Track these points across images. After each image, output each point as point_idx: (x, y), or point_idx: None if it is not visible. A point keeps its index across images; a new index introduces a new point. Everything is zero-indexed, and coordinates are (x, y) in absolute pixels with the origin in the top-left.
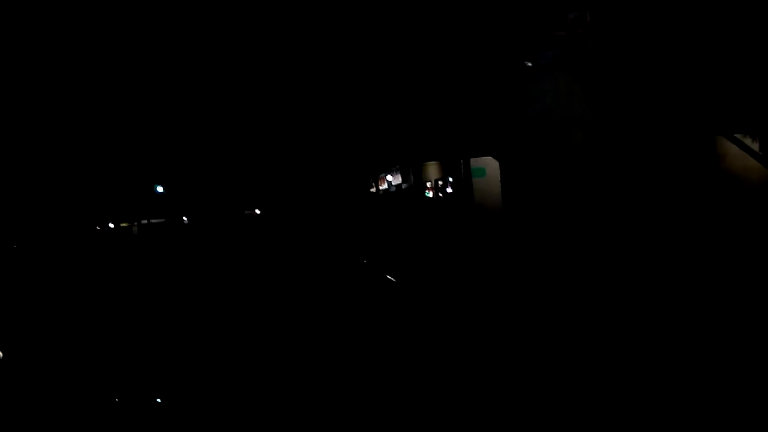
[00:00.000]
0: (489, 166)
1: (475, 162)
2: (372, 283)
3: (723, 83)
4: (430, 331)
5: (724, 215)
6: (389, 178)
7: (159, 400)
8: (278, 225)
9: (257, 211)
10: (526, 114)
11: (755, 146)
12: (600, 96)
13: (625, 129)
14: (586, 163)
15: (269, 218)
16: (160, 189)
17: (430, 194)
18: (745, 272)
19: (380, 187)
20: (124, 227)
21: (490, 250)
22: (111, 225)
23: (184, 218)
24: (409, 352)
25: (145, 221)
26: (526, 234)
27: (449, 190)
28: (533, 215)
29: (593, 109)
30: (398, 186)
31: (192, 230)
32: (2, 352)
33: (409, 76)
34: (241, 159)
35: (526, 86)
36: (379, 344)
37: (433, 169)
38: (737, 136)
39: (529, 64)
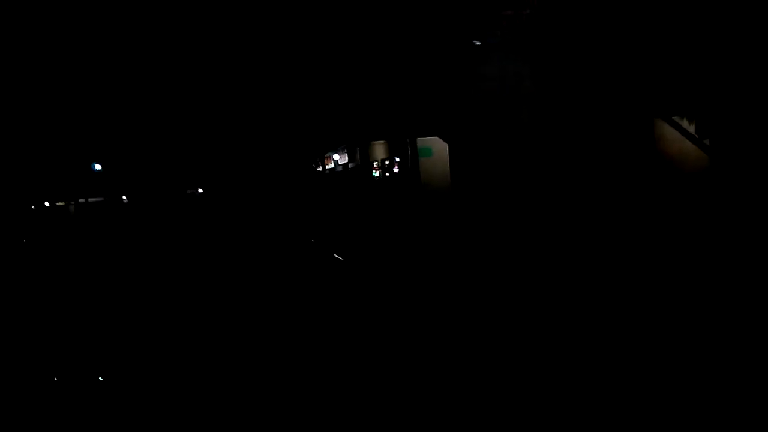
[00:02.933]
0: (435, 146)
1: (422, 142)
2: (319, 262)
3: (664, 65)
4: (375, 306)
5: (660, 196)
6: (336, 157)
7: (101, 378)
8: (222, 204)
9: (200, 190)
10: (474, 94)
11: (692, 129)
12: (546, 76)
13: (569, 109)
14: (532, 143)
15: (212, 197)
16: (97, 167)
17: (377, 174)
18: (677, 252)
19: (327, 167)
20: (60, 206)
21: (437, 228)
22: (46, 204)
23: (123, 197)
24: (354, 328)
25: (82, 200)
26: (472, 213)
27: (396, 169)
28: (480, 194)
29: (539, 90)
30: (345, 165)
31: (131, 209)
32: None
33: (358, 53)
34: (183, 135)
35: (474, 66)
36: (324, 320)
37: (380, 149)
38: (675, 118)
39: (478, 44)
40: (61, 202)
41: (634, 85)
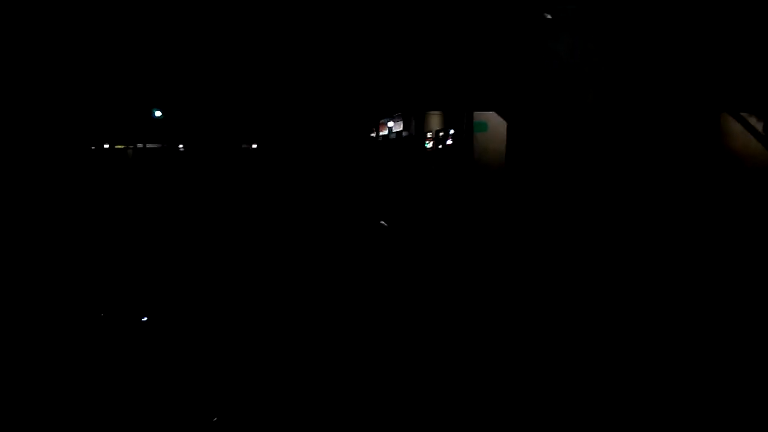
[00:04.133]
0: (491, 121)
1: (479, 117)
2: (366, 227)
3: (736, 60)
4: (413, 275)
5: (724, 191)
6: (390, 124)
7: (145, 318)
8: (275, 162)
9: (254, 146)
10: (539, 70)
11: (759, 126)
12: (615, 59)
13: (636, 95)
14: (596, 127)
15: (266, 154)
16: (158, 113)
17: (430, 144)
18: (740, 249)
19: (380, 133)
20: (119, 149)
21: (487, 204)
22: (106, 146)
23: (180, 146)
24: (395, 295)
25: (141, 145)
26: (524, 195)
27: (449, 141)
28: (535, 176)
29: (607, 72)
30: (398, 133)
31: (187, 158)
32: None
33: (421, 20)
34: (244, 93)
35: (541, 41)
36: (367, 287)
37: (435, 120)
38: (743, 114)
39: (549, 17)
40: (121, 145)
41: (703, 77)
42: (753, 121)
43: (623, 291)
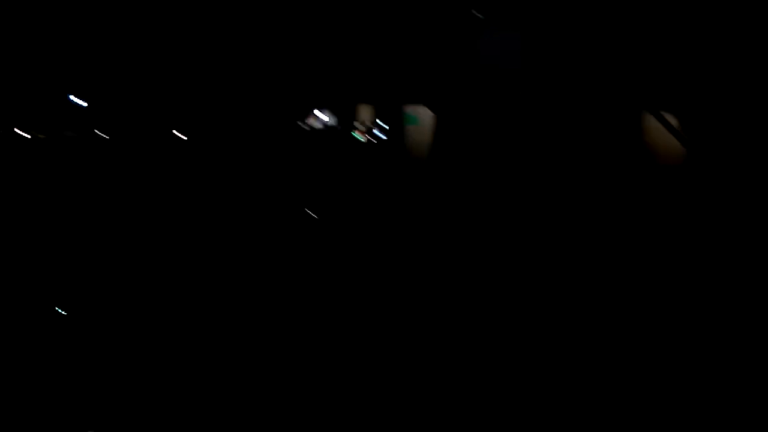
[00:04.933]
0: (421, 115)
1: (411, 110)
2: (291, 217)
3: (657, 59)
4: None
5: (644, 186)
6: (319, 115)
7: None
8: (201, 148)
9: (181, 136)
10: (467, 66)
11: (677, 125)
12: (539, 55)
13: (559, 92)
14: (519, 122)
15: (193, 142)
16: (77, 100)
17: (360, 137)
18: (652, 242)
19: (309, 123)
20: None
21: (415, 195)
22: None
23: (99, 133)
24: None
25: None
26: (451, 184)
27: (380, 134)
28: (460, 166)
29: (531, 68)
30: (327, 125)
31: (112, 148)
32: None
33: (353, 14)
34: (171, 80)
35: (470, 37)
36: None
37: (366, 111)
38: (662, 112)
39: (479, 16)
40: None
41: (627, 76)
42: (671, 119)
43: (542, 288)
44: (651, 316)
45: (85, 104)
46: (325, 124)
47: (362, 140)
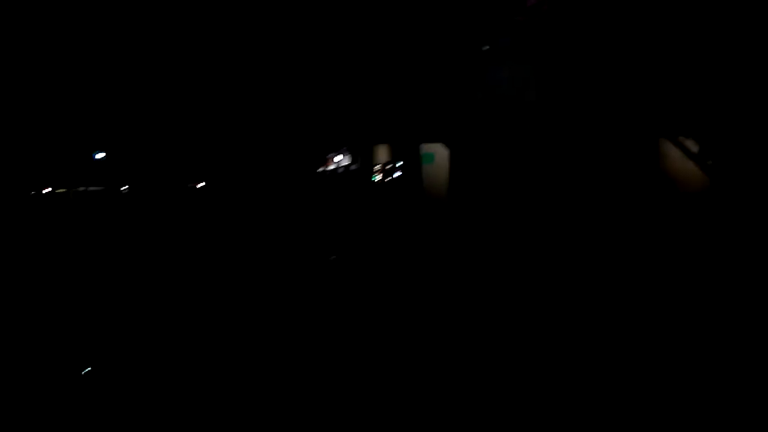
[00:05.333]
0: (438, 152)
1: (426, 148)
2: (315, 261)
3: (673, 86)
4: (366, 310)
5: (662, 213)
6: (337, 158)
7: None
8: (222, 198)
9: (202, 184)
10: (479, 100)
11: (695, 150)
12: (553, 86)
13: (575, 122)
14: (535, 154)
15: (214, 191)
16: (99, 155)
17: (378, 177)
18: (676, 263)
19: (328, 168)
20: (60, 193)
21: (436, 235)
22: (47, 190)
23: (123, 187)
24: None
25: (83, 188)
26: (470, 220)
27: (397, 174)
28: (477, 203)
29: (546, 99)
30: (346, 167)
31: (131, 200)
32: None
33: (366, 53)
34: (187, 130)
35: (481, 72)
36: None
37: (382, 152)
38: (679, 138)
39: (487, 48)
40: (63, 189)
41: (642, 103)
42: (689, 144)
43: (563, 317)
44: (664, 337)
45: (102, 155)
46: (344, 165)
47: (381, 180)
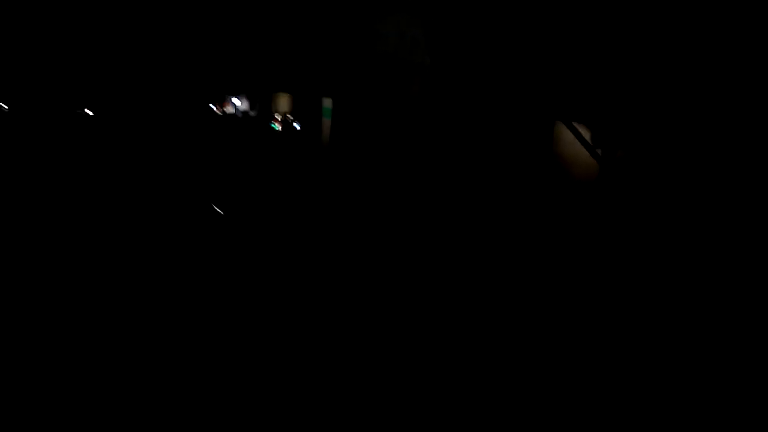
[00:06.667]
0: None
1: (328, 102)
2: (198, 212)
3: (572, 69)
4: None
5: (552, 194)
6: (235, 101)
7: None
8: (110, 126)
9: (89, 112)
10: (367, 54)
11: (587, 136)
12: (443, 50)
13: (467, 93)
14: (420, 121)
15: (102, 120)
16: None
17: (278, 127)
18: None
19: (225, 110)
20: None
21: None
22: None
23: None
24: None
25: None
26: (348, 176)
27: (296, 125)
28: (358, 158)
29: (437, 64)
30: (244, 113)
31: (13, 121)
32: None
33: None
34: (78, 56)
35: (370, 23)
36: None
37: (283, 101)
38: (574, 123)
39: None
40: None
41: (540, 82)
42: (583, 130)
43: (434, 288)
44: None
45: None
46: (241, 110)
47: (278, 129)
